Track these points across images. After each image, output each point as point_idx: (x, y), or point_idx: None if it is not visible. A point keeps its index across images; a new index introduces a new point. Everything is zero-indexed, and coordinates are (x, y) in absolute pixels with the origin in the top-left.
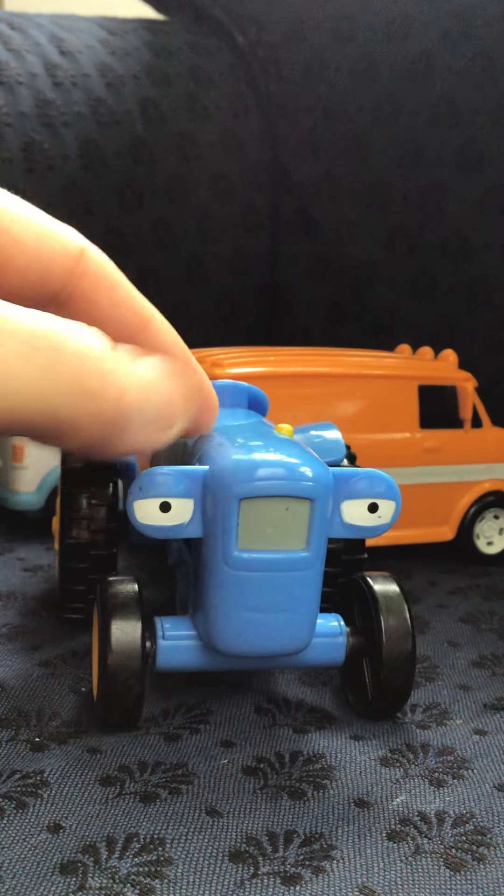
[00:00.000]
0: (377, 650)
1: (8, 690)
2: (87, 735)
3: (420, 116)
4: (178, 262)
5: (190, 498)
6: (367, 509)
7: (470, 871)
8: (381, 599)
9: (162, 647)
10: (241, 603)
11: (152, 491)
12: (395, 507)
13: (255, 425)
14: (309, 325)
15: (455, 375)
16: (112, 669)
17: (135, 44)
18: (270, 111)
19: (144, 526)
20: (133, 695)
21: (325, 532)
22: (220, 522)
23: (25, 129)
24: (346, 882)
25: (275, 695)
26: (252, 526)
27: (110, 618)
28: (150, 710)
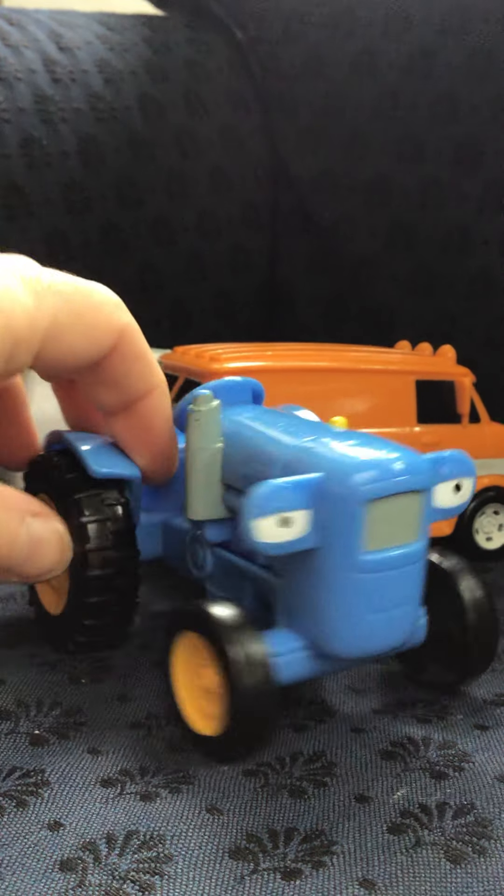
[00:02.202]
0: (461, 614)
1: (7, 682)
2: (88, 728)
3: (419, 112)
4: (177, 258)
5: (308, 509)
6: (453, 490)
7: (470, 863)
8: (447, 568)
9: (279, 664)
10: (367, 605)
11: (272, 507)
12: (473, 482)
13: (309, 423)
14: (308, 321)
15: (453, 370)
16: (250, 699)
17: (133, 40)
18: (269, 107)
19: (264, 545)
20: (271, 720)
21: (429, 520)
22: (343, 528)
23: (24, 125)
24: (347, 875)
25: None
26: (374, 526)
27: (233, 645)
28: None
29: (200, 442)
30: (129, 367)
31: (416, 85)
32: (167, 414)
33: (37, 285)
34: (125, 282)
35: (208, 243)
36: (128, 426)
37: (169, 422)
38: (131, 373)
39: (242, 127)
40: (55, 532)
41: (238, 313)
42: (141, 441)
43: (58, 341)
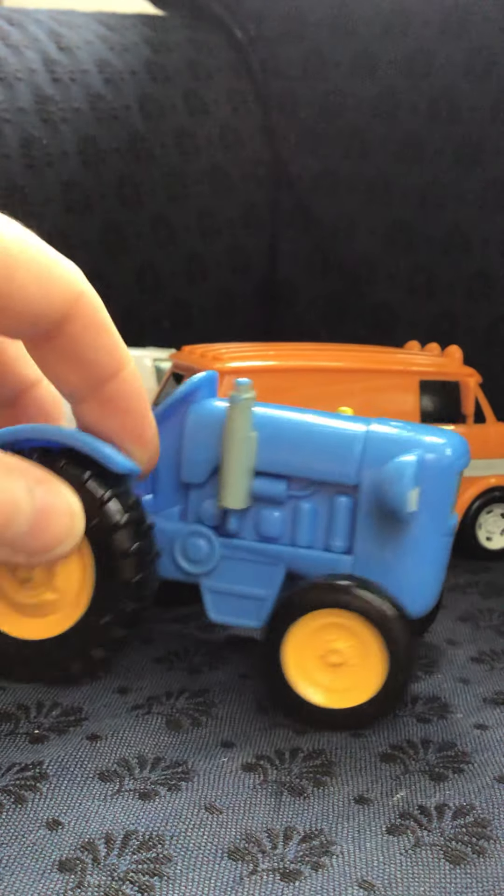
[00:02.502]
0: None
1: (6, 685)
2: (88, 721)
3: (419, 112)
4: (177, 258)
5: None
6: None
7: (470, 864)
8: None
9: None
10: (442, 566)
11: (414, 480)
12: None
13: (335, 414)
14: (308, 320)
15: (458, 371)
16: (410, 668)
17: (133, 39)
18: (269, 107)
19: (410, 514)
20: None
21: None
22: (440, 498)
23: (24, 125)
24: (346, 877)
25: None
26: (455, 496)
27: (396, 620)
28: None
29: (244, 430)
30: (93, 338)
31: (416, 85)
32: (143, 396)
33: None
34: (125, 282)
35: (208, 243)
36: (101, 412)
37: (146, 404)
38: (97, 346)
39: (242, 127)
40: (64, 501)
41: (238, 313)
42: (119, 426)
43: (9, 279)
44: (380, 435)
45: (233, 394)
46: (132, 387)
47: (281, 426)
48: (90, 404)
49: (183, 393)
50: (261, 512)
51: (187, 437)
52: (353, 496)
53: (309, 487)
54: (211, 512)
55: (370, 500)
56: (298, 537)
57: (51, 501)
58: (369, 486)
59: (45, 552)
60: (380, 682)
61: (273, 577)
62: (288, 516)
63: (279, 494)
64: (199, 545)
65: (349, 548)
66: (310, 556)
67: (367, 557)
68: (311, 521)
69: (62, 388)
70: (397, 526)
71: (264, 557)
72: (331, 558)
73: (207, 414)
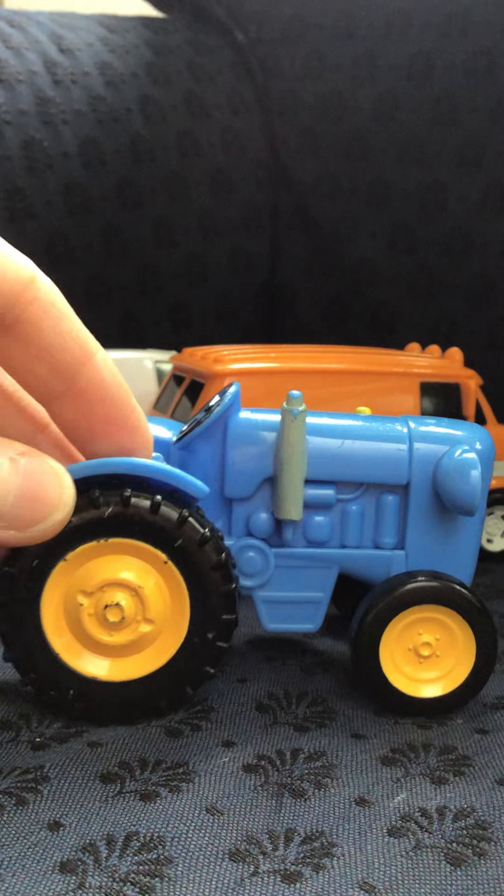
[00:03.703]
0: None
1: (9, 695)
2: (88, 733)
3: (420, 114)
4: (178, 260)
5: None
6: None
7: (470, 866)
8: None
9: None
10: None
11: (480, 476)
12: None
13: (363, 416)
14: (309, 323)
15: (458, 373)
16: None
17: (134, 42)
18: (270, 109)
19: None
20: None
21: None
22: (484, 488)
23: (25, 127)
24: (347, 879)
25: (276, 688)
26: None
27: (486, 614)
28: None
29: (301, 442)
30: (54, 322)
31: (417, 87)
32: (121, 381)
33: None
34: (126, 283)
35: (209, 245)
36: (79, 405)
37: (125, 389)
38: (60, 330)
39: (243, 129)
40: (49, 467)
41: (238, 314)
42: (101, 417)
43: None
44: (422, 433)
45: (289, 408)
46: (107, 373)
47: (326, 434)
48: (66, 400)
49: (221, 410)
50: (310, 518)
51: (231, 453)
52: (400, 494)
53: (356, 490)
54: (263, 524)
55: (422, 496)
56: (348, 538)
57: (36, 469)
58: (422, 484)
59: (37, 523)
60: (467, 672)
61: (327, 580)
62: (336, 519)
63: (329, 500)
64: (253, 559)
65: (399, 543)
66: (361, 556)
67: (419, 551)
68: (359, 521)
69: (34, 385)
70: (450, 518)
71: (317, 562)
72: (383, 555)
73: (251, 428)
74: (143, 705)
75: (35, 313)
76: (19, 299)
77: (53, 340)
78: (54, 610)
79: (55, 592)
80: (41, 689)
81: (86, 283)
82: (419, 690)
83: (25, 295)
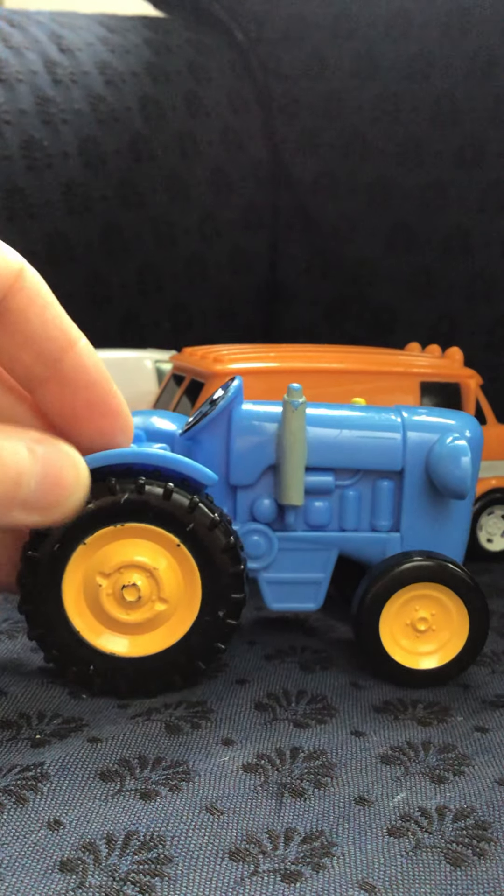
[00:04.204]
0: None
1: (9, 694)
2: (89, 728)
3: (420, 114)
4: (178, 260)
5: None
6: None
7: (470, 866)
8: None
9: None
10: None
11: (470, 461)
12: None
13: (358, 406)
14: (309, 322)
15: (458, 372)
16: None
17: (134, 41)
18: (270, 108)
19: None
20: None
21: None
22: (474, 472)
23: (25, 127)
24: (347, 878)
25: (275, 686)
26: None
27: (478, 590)
28: (153, 703)
29: (302, 432)
30: (40, 311)
31: (417, 87)
32: (103, 368)
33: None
34: (126, 283)
35: (209, 244)
36: (63, 390)
37: (107, 375)
38: (45, 319)
39: (243, 128)
40: (65, 453)
41: (238, 314)
42: (84, 402)
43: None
44: (415, 422)
45: (290, 399)
46: (90, 359)
47: (324, 423)
48: (50, 385)
49: (226, 403)
50: (310, 503)
51: (235, 443)
52: (395, 480)
53: (354, 476)
54: (267, 510)
55: (416, 481)
56: (346, 522)
57: (54, 456)
58: (415, 470)
59: (58, 506)
60: (461, 644)
61: (327, 561)
62: (335, 504)
63: (328, 486)
64: (257, 542)
65: (395, 526)
66: (359, 538)
67: (414, 533)
68: (356, 506)
69: (19, 371)
70: (442, 502)
71: (317, 544)
72: (379, 537)
73: (254, 419)
74: (160, 679)
75: (22, 302)
76: (9, 290)
77: (39, 328)
78: (75, 591)
79: (76, 574)
80: (63, 665)
81: (85, 283)
82: (417, 662)
83: (14, 286)
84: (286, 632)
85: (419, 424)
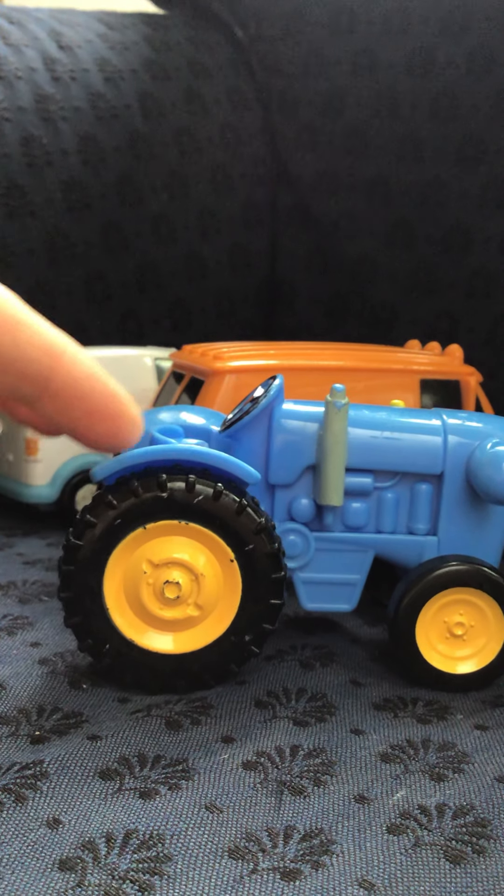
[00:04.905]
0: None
1: (9, 690)
2: (88, 724)
3: (419, 110)
4: (178, 257)
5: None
6: None
7: (470, 863)
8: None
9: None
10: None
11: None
12: None
13: (397, 409)
14: (309, 320)
15: (458, 370)
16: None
17: (134, 38)
18: (270, 105)
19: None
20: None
21: None
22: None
23: (24, 124)
24: (346, 876)
25: (275, 684)
26: None
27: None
28: (153, 699)
29: (343, 433)
30: (12, 337)
31: (417, 83)
32: (96, 373)
33: None
34: (125, 280)
35: (208, 242)
36: (57, 405)
37: (102, 381)
38: (19, 343)
39: (243, 125)
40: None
41: (238, 312)
42: (83, 412)
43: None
44: (455, 426)
45: (333, 400)
46: (80, 370)
47: (366, 425)
48: (43, 401)
49: (268, 401)
50: (348, 504)
51: (276, 442)
52: (434, 483)
53: (392, 479)
54: (305, 510)
55: (455, 486)
56: (383, 524)
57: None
58: (455, 474)
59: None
60: (498, 649)
61: (363, 563)
62: (373, 506)
63: (367, 488)
64: (294, 542)
65: (432, 530)
66: (396, 541)
67: (451, 537)
68: (394, 508)
69: (7, 392)
70: (480, 506)
71: (354, 546)
72: (416, 541)
73: (295, 418)
74: (191, 677)
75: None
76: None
77: (15, 354)
78: (117, 582)
79: (124, 558)
80: (81, 635)
81: (85, 281)
82: (454, 667)
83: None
84: (287, 631)
85: (460, 428)
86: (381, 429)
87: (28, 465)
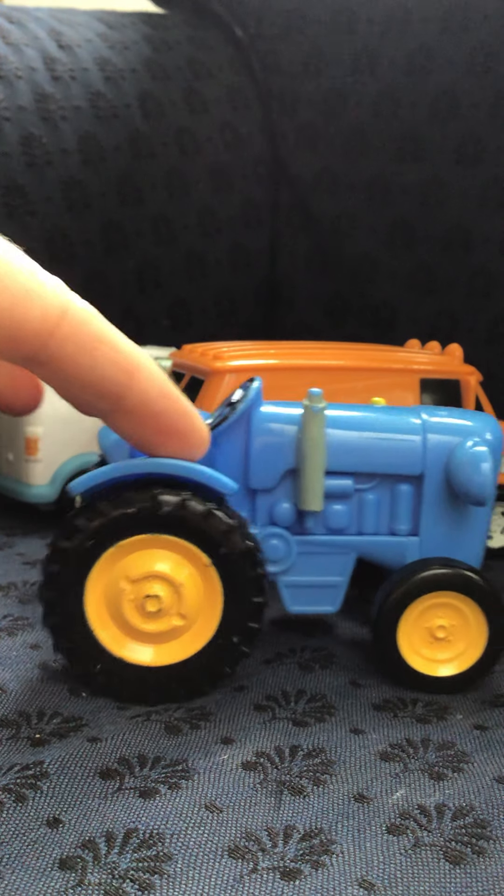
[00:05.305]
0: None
1: (9, 693)
2: (88, 727)
3: (419, 110)
4: (178, 257)
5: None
6: None
7: (469, 864)
8: None
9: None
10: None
11: (491, 468)
12: None
13: (383, 407)
14: (309, 319)
15: (458, 369)
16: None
17: (134, 38)
18: (270, 105)
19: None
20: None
21: None
22: (495, 477)
23: (24, 123)
24: (346, 876)
25: (274, 685)
26: None
27: (492, 598)
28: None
29: (322, 437)
30: (90, 357)
31: (417, 83)
32: (169, 391)
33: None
34: (125, 280)
35: (208, 241)
36: (130, 421)
37: (174, 399)
38: (97, 363)
39: (242, 125)
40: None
41: (238, 311)
42: (154, 430)
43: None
44: (435, 424)
45: (310, 404)
46: (153, 388)
47: (344, 426)
48: (117, 416)
49: (246, 406)
50: (329, 507)
51: (255, 446)
52: (414, 484)
53: (373, 480)
54: (286, 514)
55: (436, 486)
56: (364, 526)
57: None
58: (435, 474)
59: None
60: (479, 653)
61: (345, 565)
62: (354, 508)
63: (347, 490)
64: (276, 546)
65: (413, 530)
66: (378, 542)
67: (432, 537)
68: (375, 510)
69: (83, 406)
70: (461, 506)
71: (336, 548)
72: (398, 541)
73: (273, 422)
74: (187, 686)
75: (69, 352)
76: (50, 339)
77: (91, 372)
78: (98, 602)
79: (102, 578)
80: (71, 659)
81: (85, 280)
82: (435, 670)
83: (57, 333)
84: (285, 633)
85: (439, 426)
86: (360, 429)
87: (28, 465)
